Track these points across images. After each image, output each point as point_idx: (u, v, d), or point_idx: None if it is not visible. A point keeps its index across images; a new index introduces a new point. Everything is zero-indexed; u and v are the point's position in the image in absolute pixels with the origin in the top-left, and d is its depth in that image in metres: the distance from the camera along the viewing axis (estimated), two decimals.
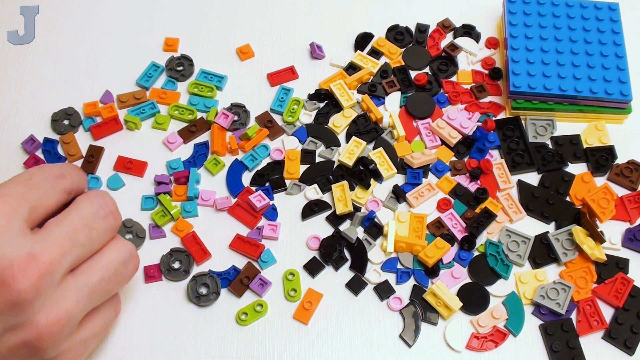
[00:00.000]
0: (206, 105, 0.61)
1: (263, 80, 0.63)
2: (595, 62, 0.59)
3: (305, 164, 0.58)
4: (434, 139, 0.59)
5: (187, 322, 0.52)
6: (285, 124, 0.60)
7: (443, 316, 0.52)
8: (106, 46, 0.64)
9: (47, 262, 0.40)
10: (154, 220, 0.55)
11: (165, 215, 0.55)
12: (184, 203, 0.56)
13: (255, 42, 0.64)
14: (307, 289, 0.53)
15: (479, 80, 0.62)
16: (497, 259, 0.54)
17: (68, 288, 0.42)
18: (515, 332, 0.52)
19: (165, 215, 0.55)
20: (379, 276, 0.54)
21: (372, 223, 0.55)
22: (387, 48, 0.64)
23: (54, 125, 0.60)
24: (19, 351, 0.40)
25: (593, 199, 0.56)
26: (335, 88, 0.61)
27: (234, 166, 0.58)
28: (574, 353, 0.51)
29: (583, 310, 0.52)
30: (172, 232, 0.55)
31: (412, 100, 0.61)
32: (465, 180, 0.58)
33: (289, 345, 0.52)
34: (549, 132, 0.59)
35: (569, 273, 0.54)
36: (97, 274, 0.43)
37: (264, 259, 0.54)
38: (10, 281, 0.39)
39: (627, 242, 0.55)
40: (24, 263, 0.39)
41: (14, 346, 0.40)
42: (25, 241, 0.40)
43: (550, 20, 0.61)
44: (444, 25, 0.65)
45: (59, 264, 0.41)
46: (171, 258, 0.54)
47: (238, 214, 0.56)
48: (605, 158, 0.58)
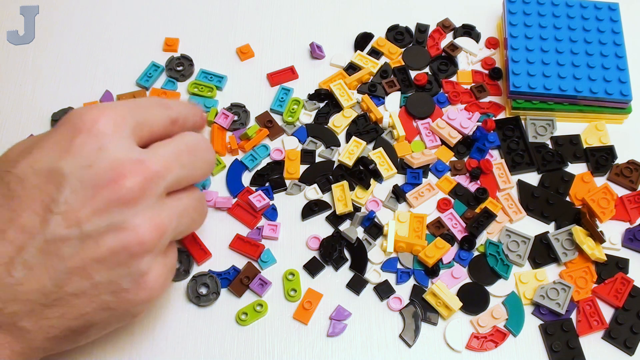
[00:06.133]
0: (206, 105, 0.61)
1: (263, 80, 0.63)
2: (595, 62, 0.59)
3: (305, 164, 0.58)
4: (434, 139, 0.59)
5: (187, 322, 0.52)
6: (285, 124, 0.60)
7: (443, 316, 0.52)
8: (106, 46, 0.64)
9: (154, 170, 0.42)
10: None
11: None
12: None
13: (255, 42, 0.64)
14: (307, 289, 0.53)
15: (479, 80, 0.62)
16: (497, 259, 0.54)
17: (165, 205, 0.44)
18: (515, 332, 0.52)
19: None
20: (378, 276, 0.54)
21: (372, 223, 0.55)
22: (387, 48, 0.64)
23: (54, 125, 0.60)
24: (118, 255, 0.41)
25: (593, 199, 0.56)
26: (335, 88, 0.61)
27: (234, 166, 0.58)
28: (573, 353, 0.51)
29: (583, 310, 0.52)
30: None
31: (412, 100, 0.61)
32: (465, 180, 0.58)
33: (289, 345, 0.52)
34: (549, 132, 0.59)
35: (569, 273, 0.54)
36: (186, 201, 0.46)
37: (264, 259, 0.54)
38: (121, 178, 0.41)
39: (627, 242, 0.55)
40: (133, 165, 0.41)
41: (115, 248, 0.41)
42: (134, 149, 0.43)
43: (550, 20, 0.61)
44: (444, 25, 0.65)
45: (163, 176, 0.43)
46: None
47: (238, 214, 0.56)
48: (605, 158, 0.58)
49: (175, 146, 0.45)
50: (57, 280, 0.40)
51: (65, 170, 0.40)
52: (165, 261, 0.45)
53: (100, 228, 0.40)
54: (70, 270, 0.41)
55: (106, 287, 0.42)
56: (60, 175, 0.40)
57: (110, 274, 0.41)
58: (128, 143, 0.42)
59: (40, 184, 0.40)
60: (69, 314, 0.42)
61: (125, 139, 0.42)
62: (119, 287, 0.42)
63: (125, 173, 0.41)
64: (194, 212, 0.47)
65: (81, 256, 0.41)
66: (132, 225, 0.41)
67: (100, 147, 0.41)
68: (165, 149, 0.44)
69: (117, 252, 0.41)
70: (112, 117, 0.42)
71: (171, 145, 0.45)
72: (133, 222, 0.41)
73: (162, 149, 0.44)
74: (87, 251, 0.41)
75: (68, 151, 0.41)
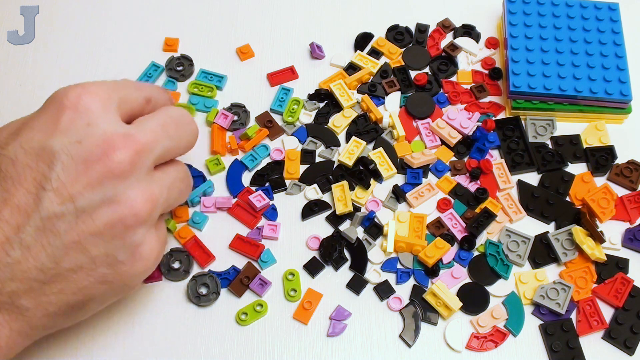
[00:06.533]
0: (206, 105, 0.61)
1: (263, 80, 0.63)
2: (595, 62, 0.59)
3: (305, 164, 0.58)
4: (433, 139, 0.59)
5: (187, 322, 0.52)
6: (285, 124, 0.60)
7: (443, 316, 0.52)
8: (106, 46, 0.64)
9: (143, 142, 0.43)
10: None
11: None
12: (194, 213, 0.56)
13: (255, 42, 0.64)
14: (307, 289, 0.53)
15: (478, 80, 0.62)
16: (497, 259, 0.54)
17: (154, 177, 0.45)
18: (515, 332, 0.52)
19: None
20: (378, 276, 0.54)
21: (372, 223, 0.55)
22: (387, 48, 0.64)
23: None
24: (114, 228, 0.42)
25: (593, 199, 0.56)
26: (335, 88, 0.61)
27: (233, 166, 0.58)
28: (573, 353, 0.51)
29: (583, 310, 0.52)
30: (175, 237, 0.55)
31: (412, 100, 0.61)
32: (465, 180, 0.58)
33: (289, 345, 0.52)
34: (548, 132, 0.59)
35: (568, 273, 0.54)
36: (173, 173, 0.47)
37: (264, 259, 0.54)
38: (111, 152, 0.41)
39: (627, 242, 0.55)
40: (122, 138, 0.42)
41: (110, 221, 0.42)
42: (121, 124, 0.43)
43: (550, 20, 0.61)
44: (444, 25, 0.65)
45: (152, 147, 0.44)
46: (171, 258, 0.54)
47: (238, 214, 0.56)
48: (605, 158, 0.58)
49: (161, 119, 0.46)
50: (55, 257, 0.41)
51: (55, 148, 0.41)
52: (158, 233, 0.46)
53: (94, 202, 0.41)
54: (66, 246, 0.41)
55: (103, 260, 0.42)
56: (50, 152, 0.41)
57: (106, 247, 0.42)
58: (115, 118, 0.43)
59: (32, 162, 0.41)
60: (67, 289, 0.42)
61: (111, 114, 0.43)
62: (115, 260, 0.43)
63: (115, 147, 0.42)
64: (181, 184, 0.48)
65: (77, 231, 0.41)
66: (125, 198, 0.42)
67: (89, 123, 0.42)
68: (151, 122, 0.45)
69: (112, 225, 0.42)
70: (97, 94, 0.43)
71: (156, 118, 0.46)
72: (126, 195, 0.42)
73: (148, 122, 0.45)
74: (82, 226, 0.41)
75: (57, 129, 0.42)
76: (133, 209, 0.42)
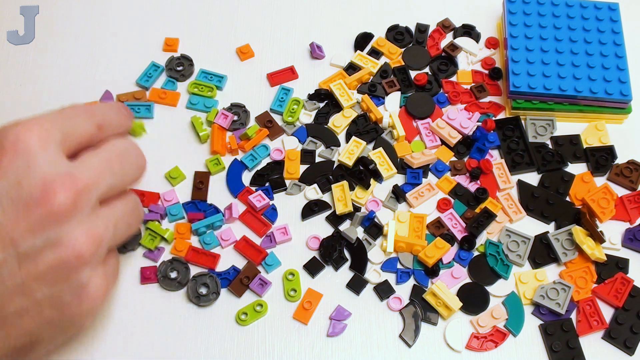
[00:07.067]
0: (206, 105, 0.61)
1: (263, 80, 0.63)
2: (595, 62, 0.59)
3: (305, 164, 0.58)
4: (433, 139, 0.59)
5: (187, 322, 0.52)
6: (285, 124, 0.60)
7: (443, 316, 0.52)
8: (106, 46, 0.64)
9: (84, 182, 0.42)
10: (146, 247, 0.55)
11: (155, 237, 0.55)
12: (203, 236, 0.55)
13: (255, 42, 0.64)
14: (307, 289, 0.53)
15: (478, 80, 0.62)
16: (497, 259, 0.54)
17: (99, 214, 0.43)
18: (515, 332, 0.52)
19: (155, 237, 0.55)
20: (378, 276, 0.54)
21: (372, 223, 0.55)
22: (387, 48, 0.64)
23: None
24: (58, 271, 0.41)
25: (593, 199, 0.56)
26: (335, 88, 0.61)
27: (233, 166, 0.58)
28: (573, 353, 0.51)
29: (583, 310, 0.52)
30: (172, 254, 0.55)
31: (412, 100, 0.61)
32: (465, 180, 0.58)
33: (289, 345, 0.52)
34: (548, 132, 0.59)
35: (568, 273, 0.54)
36: (120, 207, 0.46)
37: (269, 262, 0.54)
38: (52, 194, 0.40)
39: (627, 242, 0.55)
40: (63, 180, 0.41)
41: (53, 264, 0.41)
42: (63, 163, 0.42)
43: (550, 20, 0.61)
44: (444, 25, 0.65)
45: (95, 186, 0.42)
46: (170, 266, 0.54)
47: (248, 221, 0.56)
48: (605, 158, 0.58)
49: (105, 154, 0.44)
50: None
51: None
52: (105, 269, 0.44)
53: (36, 246, 0.40)
54: (11, 291, 0.40)
55: (48, 303, 0.41)
56: None
57: (51, 290, 0.41)
58: (56, 157, 0.42)
59: None
60: (13, 333, 0.41)
61: (52, 153, 0.42)
62: (60, 302, 0.42)
63: (56, 188, 0.40)
64: (130, 217, 0.47)
65: (20, 275, 0.40)
66: (67, 239, 0.41)
67: (28, 165, 0.40)
68: (94, 159, 0.44)
69: (55, 268, 0.41)
70: (36, 133, 0.41)
71: (100, 155, 0.44)
72: (68, 237, 0.41)
73: (91, 159, 0.44)
74: (25, 270, 0.40)
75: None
76: (76, 251, 0.41)
